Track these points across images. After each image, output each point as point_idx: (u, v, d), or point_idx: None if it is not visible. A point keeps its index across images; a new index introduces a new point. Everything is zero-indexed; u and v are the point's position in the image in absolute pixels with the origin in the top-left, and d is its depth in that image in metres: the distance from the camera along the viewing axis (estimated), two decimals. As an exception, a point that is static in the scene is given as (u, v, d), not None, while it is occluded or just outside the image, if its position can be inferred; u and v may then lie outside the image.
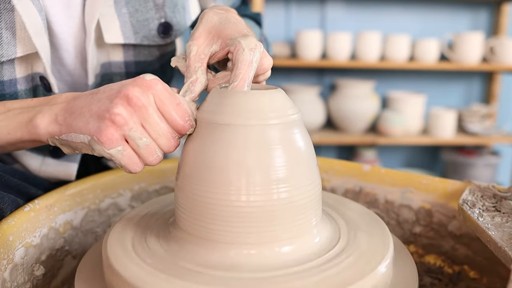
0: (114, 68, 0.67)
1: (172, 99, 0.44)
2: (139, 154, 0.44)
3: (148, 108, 0.43)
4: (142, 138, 0.43)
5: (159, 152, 0.45)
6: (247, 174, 0.41)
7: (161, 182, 0.70)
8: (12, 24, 0.55)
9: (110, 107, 0.42)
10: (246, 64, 0.46)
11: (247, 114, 0.43)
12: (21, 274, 0.50)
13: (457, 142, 2.30)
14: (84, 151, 0.46)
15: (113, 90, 0.44)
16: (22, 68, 0.59)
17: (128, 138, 0.43)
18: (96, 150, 0.43)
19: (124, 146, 0.43)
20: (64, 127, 0.46)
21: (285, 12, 2.39)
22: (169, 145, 0.45)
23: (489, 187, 0.57)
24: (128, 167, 0.44)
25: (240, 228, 0.41)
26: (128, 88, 0.43)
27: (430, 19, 2.44)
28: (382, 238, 0.45)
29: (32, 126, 0.47)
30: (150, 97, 0.43)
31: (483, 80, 2.57)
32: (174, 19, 0.67)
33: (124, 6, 0.63)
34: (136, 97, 0.42)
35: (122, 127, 0.42)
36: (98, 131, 0.42)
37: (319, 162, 0.48)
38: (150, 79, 0.44)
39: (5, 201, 0.51)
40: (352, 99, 2.23)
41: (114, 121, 0.42)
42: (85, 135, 0.44)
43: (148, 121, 0.43)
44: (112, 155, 0.43)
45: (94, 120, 0.43)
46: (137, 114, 0.43)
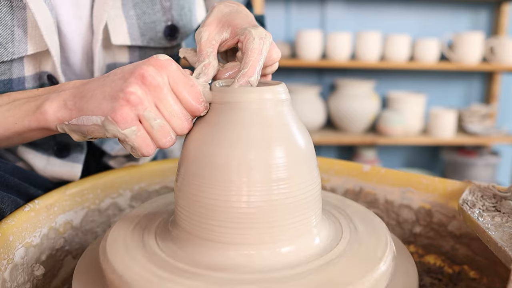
0: None
1: (186, 80, 0.44)
2: (153, 136, 0.43)
3: (163, 88, 0.42)
4: (156, 119, 0.42)
5: (172, 134, 0.44)
6: (247, 174, 0.41)
7: (161, 182, 0.70)
8: (24, 22, 0.55)
9: (125, 86, 0.41)
10: (256, 52, 0.46)
11: (248, 113, 0.43)
12: (21, 274, 0.50)
13: (457, 142, 2.30)
14: (95, 135, 0.45)
15: (126, 71, 0.43)
16: (31, 67, 0.59)
17: (142, 119, 0.42)
18: (110, 130, 0.42)
19: (138, 126, 0.42)
20: (74, 111, 0.45)
21: (285, 12, 2.39)
22: (183, 127, 0.44)
23: (489, 187, 0.57)
24: (141, 149, 0.43)
25: (239, 229, 0.41)
26: (142, 67, 0.42)
27: (430, 19, 2.44)
28: (382, 238, 0.45)
29: (40, 113, 0.46)
30: (164, 77, 0.43)
31: (483, 80, 2.57)
32: (181, 22, 0.68)
33: (132, 8, 0.63)
34: (151, 76, 0.42)
35: (137, 107, 0.41)
36: (112, 111, 0.41)
37: (319, 162, 0.48)
38: (164, 59, 0.43)
39: (5, 201, 0.51)
40: (352, 99, 2.23)
41: (129, 100, 0.41)
42: (98, 116, 0.42)
43: (162, 101, 0.42)
44: (126, 136, 0.42)
45: (107, 101, 0.42)
46: (152, 94, 0.42)
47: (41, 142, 0.65)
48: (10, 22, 0.54)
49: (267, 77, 0.53)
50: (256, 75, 0.46)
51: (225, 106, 0.44)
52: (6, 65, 0.56)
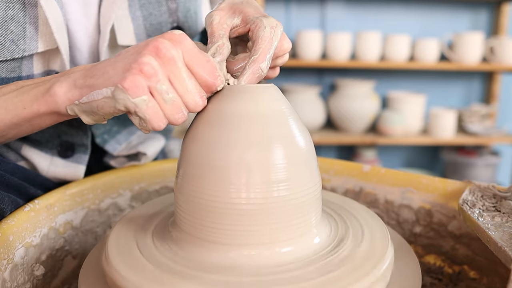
0: None
1: (201, 56, 0.43)
2: (164, 110, 0.42)
3: (177, 62, 0.41)
4: (169, 93, 0.41)
5: (184, 110, 0.43)
6: (246, 175, 0.41)
7: (161, 182, 0.70)
8: (35, 19, 0.55)
9: (139, 57, 0.40)
10: (267, 40, 0.46)
11: (247, 113, 0.43)
12: (21, 274, 0.50)
13: (457, 142, 2.30)
14: (106, 110, 0.43)
15: (140, 45, 0.42)
16: (40, 65, 0.59)
17: (155, 92, 0.41)
18: (120, 100, 0.41)
19: (149, 97, 0.41)
20: (85, 89, 0.44)
21: (285, 12, 2.39)
22: (196, 104, 0.43)
23: (489, 187, 0.57)
24: (151, 122, 0.41)
25: (240, 229, 0.41)
26: (157, 39, 0.41)
27: (430, 19, 2.44)
28: (382, 238, 0.45)
29: (49, 95, 0.46)
30: (179, 51, 0.42)
31: (483, 80, 2.57)
32: (186, 23, 0.68)
33: (138, 9, 0.63)
34: (166, 49, 0.41)
35: (150, 78, 0.40)
36: (123, 78, 0.40)
37: (319, 162, 0.48)
38: (179, 33, 0.43)
39: (5, 201, 0.51)
40: (352, 99, 2.23)
41: (142, 70, 0.40)
42: (109, 88, 0.41)
43: (176, 75, 0.42)
44: (137, 105, 0.40)
45: (118, 73, 0.41)
46: (166, 67, 0.41)
47: (45, 140, 0.65)
48: (22, 19, 0.54)
49: (276, 69, 0.53)
50: (267, 62, 0.46)
51: (224, 107, 0.44)
52: (16, 62, 0.55)
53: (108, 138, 0.70)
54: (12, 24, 0.53)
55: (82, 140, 0.66)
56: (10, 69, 0.56)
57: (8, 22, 0.53)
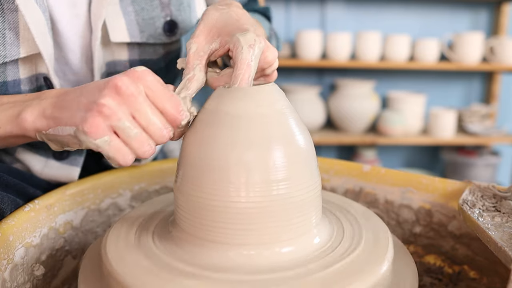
0: (118, 67, 0.66)
1: (165, 90, 0.43)
2: (130, 146, 0.42)
3: (138, 97, 0.42)
4: (132, 129, 0.42)
5: (152, 143, 0.43)
6: (246, 174, 0.41)
7: (161, 182, 0.70)
8: (15, 25, 0.54)
9: (98, 97, 0.41)
10: (245, 63, 0.46)
11: (247, 113, 0.43)
12: (21, 274, 0.50)
13: (457, 142, 2.30)
14: (71, 145, 0.44)
15: (102, 81, 0.43)
16: (26, 69, 0.58)
17: (117, 129, 0.41)
18: (83, 141, 0.42)
19: (111, 136, 0.41)
20: (51, 121, 0.45)
21: (285, 12, 2.39)
22: (161, 136, 0.43)
23: (489, 187, 0.57)
24: (116, 159, 0.42)
25: (239, 229, 0.41)
26: (117, 77, 0.42)
27: (430, 19, 2.44)
28: (382, 239, 0.45)
29: (20, 120, 0.46)
30: (139, 87, 0.42)
31: (483, 80, 2.57)
32: (180, 17, 0.67)
33: (130, 5, 0.62)
34: (125, 86, 0.41)
35: (110, 118, 0.41)
36: (84, 121, 0.41)
37: (319, 162, 0.48)
38: (141, 70, 0.43)
39: (5, 201, 0.51)
40: (352, 99, 2.23)
41: (101, 111, 0.40)
42: (71, 127, 0.42)
43: (138, 110, 0.42)
44: (99, 146, 0.41)
45: (81, 112, 0.42)
46: (127, 104, 0.41)
47: (40, 143, 0.65)
48: (1, 25, 0.53)
49: (269, 76, 0.53)
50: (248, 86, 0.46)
51: (223, 108, 0.44)
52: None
53: None
54: None
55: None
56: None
57: None
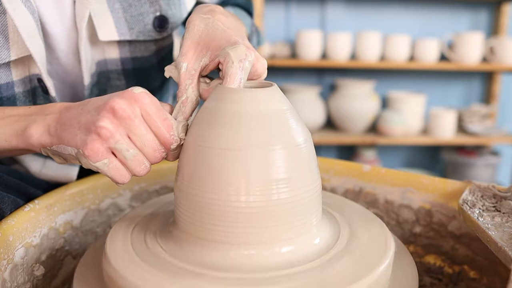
0: (110, 65, 0.66)
1: (159, 113, 0.45)
2: (127, 165, 0.45)
3: (134, 120, 0.43)
4: (129, 150, 0.44)
5: (146, 162, 0.45)
6: (246, 174, 0.41)
7: (161, 182, 0.70)
8: (4, 28, 0.54)
9: (96, 119, 0.43)
10: (235, 79, 0.46)
11: (247, 113, 0.43)
12: (21, 274, 0.50)
13: (457, 142, 2.30)
14: (73, 162, 0.47)
15: (101, 101, 0.44)
16: (19, 71, 0.58)
17: (115, 151, 0.43)
18: (83, 162, 0.44)
19: (110, 158, 0.44)
20: (55, 138, 0.46)
21: (285, 12, 2.39)
22: (155, 156, 0.45)
23: (489, 187, 0.57)
24: (115, 179, 0.45)
25: (240, 229, 0.41)
26: (114, 100, 0.43)
27: (430, 19, 2.44)
28: (382, 239, 0.45)
29: (26, 136, 0.48)
30: (136, 109, 0.44)
31: (483, 80, 2.57)
32: (170, 11, 0.66)
33: (117, 2, 0.62)
34: (122, 109, 0.43)
35: (108, 140, 0.43)
36: (84, 145, 0.43)
37: (319, 162, 0.48)
38: (138, 92, 0.44)
39: (5, 201, 0.51)
40: (352, 99, 2.23)
41: (99, 134, 0.42)
42: (73, 148, 0.45)
43: (134, 132, 0.44)
44: (99, 168, 0.44)
45: (81, 133, 0.44)
46: (123, 126, 0.43)
47: None
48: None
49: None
50: None
51: (223, 108, 0.44)
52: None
53: None
54: None
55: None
56: None
57: None
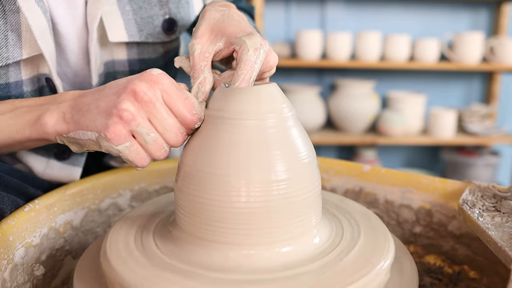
0: (117, 66, 0.66)
1: (180, 94, 0.44)
2: (147, 149, 0.44)
3: (155, 103, 0.43)
4: (150, 134, 0.43)
5: (166, 146, 0.45)
6: (247, 174, 0.41)
7: (161, 182, 0.70)
8: (17, 26, 0.54)
9: (117, 102, 0.42)
10: (249, 65, 0.46)
11: (247, 114, 0.43)
12: (21, 274, 0.50)
13: (457, 142, 2.30)
14: (91, 148, 0.46)
15: (119, 85, 0.44)
16: (28, 70, 0.58)
17: (136, 134, 0.43)
18: (104, 146, 0.44)
19: (131, 141, 0.43)
20: (71, 125, 0.46)
21: (285, 12, 2.39)
22: (177, 140, 0.45)
23: (489, 187, 0.57)
24: (135, 162, 0.44)
25: (240, 229, 0.41)
26: (134, 83, 0.43)
27: (430, 19, 2.44)
28: (382, 238, 0.45)
29: (40, 125, 0.47)
30: (157, 92, 0.43)
31: (483, 80, 2.57)
32: (179, 14, 0.67)
33: (128, 4, 0.62)
34: (143, 92, 0.42)
35: (130, 123, 0.42)
36: (106, 128, 0.42)
37: (319, 162, 0.48)
38: (157, 73, 0.44)
39: (5, 201, 0.51)
40: (352, 99, 2.23)
41: (121, 117, 0.42)
42: (93, 132, 0.44)
43: (155, 116, 0.43)
44: (120, 151, 0.43)
45: (101, 117, 0.43)
46: (145, 109, 0.43)
47: None
48: (3, 27, 0.53)
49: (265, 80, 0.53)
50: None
51: (225, 107, 0.44)
52: (2, 69, 0.55)
53: None
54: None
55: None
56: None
57: None
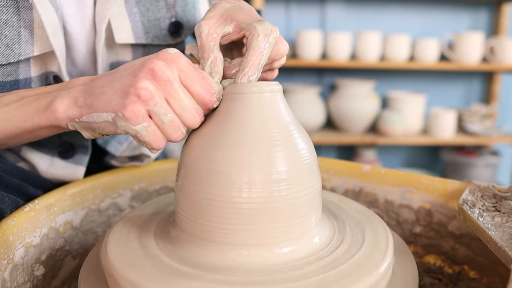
0: None
1: (197, 73, 0.43)
2: (163, 131, 0.43)
3: (173, 83, 0.42)
4: (167, 114, 0.42)
5: (183, 128, 0.44)
6: (248, 174, 0.41)
7: (161, 182, 0.70)
8: (30, 23, 0.54)
9: (135, 81, 0.41)
10: (258, 51, 0.46)
11: (247, 114, 0.43)
12: (21, 274, 0.50)
13: (457, 142, 2.30)
14: (106, 131, 0.44)
15: (135, 65, 0.43)
16: (37, 67, 0.58)
17: (153, 114, 0.42)
18: (121, 127, 0.42)
19: (149, 122, 0.42)
20: (84, 108, 0.44)
21: (285, 12, 2.39)
22: (194, 121, 0.44)
23: (489, 187, 0.57)
24: (152, 144, 0.43)
25: (240, 229, 0.41)
26: (152, 61, 0.41)
27: (430, 19, 2.44)
28: (382, 238, 0.45)
29: (50, 111, 0.46)
30: (174, 71, 0.42)
31: (483, 80, 2.57)
32: (185, 18, 0.67)
33: (135, 6, 0.62)
34: (161, 71, 0.41)
35: (148, 102, 0.41)
36: (123, 107, 0.41)
37: (319, 162, 0.48)
38: (174, 52, 0.43)
39: (5, 202, 0.51)
40: (352, 99, 2.23)
41: (139, 95, 0.40)
42: (109, 113, 0.42)
43: (173, 96, 0.42)
44: (138, 132, 0.42)
45: (118, 97, 0.42)
46: (163, 89, 0.42)
47: (45, 141, 0.65)
48: (16, 23, 0.53)
49: (274, 71, 0.53)
50: (257, 74, 0.46)
51: (225, 108, 0.44)
52: (12, 66, 0.55)
53: (109, 138, 0.70)
54: (6, 29, 0.53)
55: (82, 141, 0.66)
56: (6, 73, 0.55)
57: (2, 26, 0.52)
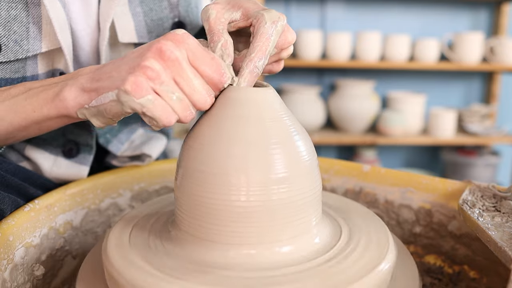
0: None
1: (206, 54, 0.43)
2: (173, 107, 0.42)
3: (182, 63, 0.41)
4: (175, 93, 0.41)
5: (192, 109, 0.43)
6: (247, 174, 0.41)
7: (161, 182, 0.70)
8: (38, 19, 0.54)
9: (141, 61, 0.40)
10: (265, 37, 0.46)
11: (247, 115, 0.43)
12: (21, 274, 0.50)
13: (457, 142, 2.30)
14: (114, 112, 0.43)
15: (143, 48, 0.42)
16: (44, 64, 0.58)
17: (160, 92, 0.41)
18: (125, 103, 0.41)
19: (154, 95, 0.40)
20: (93, 93, 0.44)
21: (285, 12, 2.39)
22: (204, 102, 0.43)
23: (489, 187, 0.57)
24: (161, 118, 0.41)
25: (240, 228, 0.41)
26: (160, 42, 0.41)
27: (430, 19, 2.44)
28: (383, 238, 0.45)
29: (59, 100, 0.46)
30: (183, 51, 0.41)
31: (483, 80, 2.57)
32: (188, 18, 0.67)
33: (139, 5, 0.62)
34: (169, 51, 0.40)
35: (154, 81, 0.40)
36: (125, 81, 0.40)
37: (319, 162, 0.48)
38: (182, 33, 0.42)
39: (5, 202, 0.51)
40: (352, 99, 2.23)
41: (145, 73, 0.40)
42: (114, 91, 0.42)
43: (181, 76, 0.41)
44: (143, 105, 0.40)
45: (122, 76, 0.41)
46: (170, 69, 0.41)
47: (51, 138, 0.65)
48: (25, 19, 0.53)
49: (280, 63, 0.53)
50: (263, 60, 0.46)
51: (222, 111, 0.44)
52: (20, 63, 0.55)
53: (110, 138, 0.70)
54: (15, 25, 0.53)
55: (87, 140, 0.66)
56: (14, 70, 0.55)
57: (11, 22, 0.52)
